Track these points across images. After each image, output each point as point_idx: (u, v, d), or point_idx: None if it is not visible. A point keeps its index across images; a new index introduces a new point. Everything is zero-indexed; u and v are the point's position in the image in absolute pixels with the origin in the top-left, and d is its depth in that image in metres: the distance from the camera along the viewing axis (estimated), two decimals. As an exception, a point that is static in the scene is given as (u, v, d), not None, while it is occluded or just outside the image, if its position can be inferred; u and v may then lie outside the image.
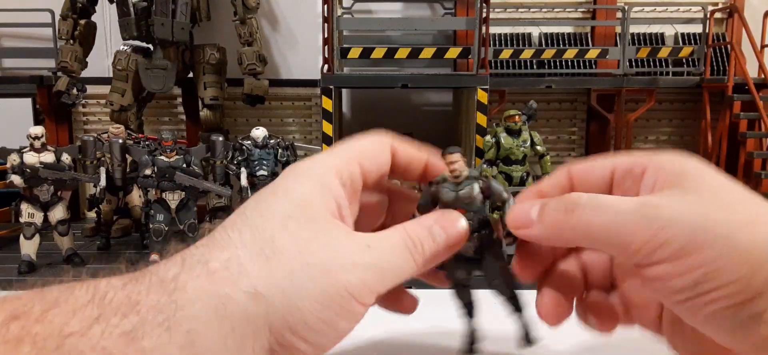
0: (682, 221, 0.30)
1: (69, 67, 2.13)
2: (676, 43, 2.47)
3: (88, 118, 2.51)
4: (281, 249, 0.30)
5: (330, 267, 0.31)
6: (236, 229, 0.31)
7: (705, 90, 2.32)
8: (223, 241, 0.31)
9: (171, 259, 0.30)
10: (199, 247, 0.31)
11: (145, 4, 2.04)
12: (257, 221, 0.31)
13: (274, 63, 2.52)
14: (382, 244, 0.34)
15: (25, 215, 1.51)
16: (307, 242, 0.31)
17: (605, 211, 0.32)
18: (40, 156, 1.51)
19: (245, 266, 0.30)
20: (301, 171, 0.35)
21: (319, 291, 0.30)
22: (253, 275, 0.29)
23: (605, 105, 2.42)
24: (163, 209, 1.51)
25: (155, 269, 0.29)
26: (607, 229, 0.32)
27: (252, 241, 0.31)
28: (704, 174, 0.32)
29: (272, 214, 0.32)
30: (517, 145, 1.97)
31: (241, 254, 0.30)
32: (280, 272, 0.30)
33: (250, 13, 2.18)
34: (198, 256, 0.30)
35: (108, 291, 0.28)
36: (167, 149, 1.52)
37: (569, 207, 0.34)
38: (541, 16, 2.48)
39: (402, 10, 2.53)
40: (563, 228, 0.34)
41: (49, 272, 1.48)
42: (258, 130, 1.71)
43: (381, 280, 0.33)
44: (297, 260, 0.30)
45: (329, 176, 0.34)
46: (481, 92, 2.02)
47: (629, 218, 0.31)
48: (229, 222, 0.32)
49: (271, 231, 0.31)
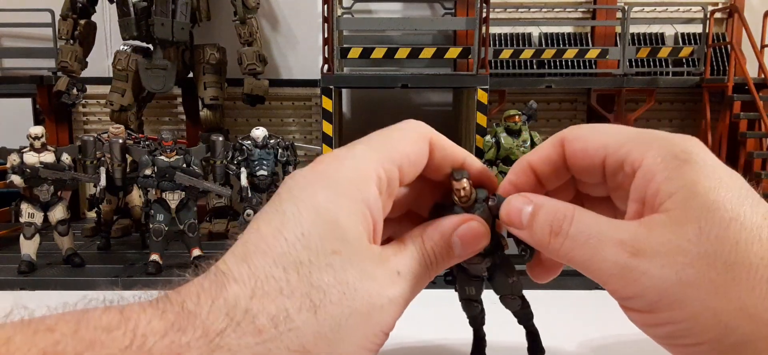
0: (657, 276, 0.29)
1: (69, 67, 2.13)
2: (676, 43, 2.47)
3: (88, 118, 2.51)
4: (328, 296, 0.29)
5: (371, 310, 0.31)
6: (281, 265, 0.29)
7: (705, 90, 2.32)
8: (269, 284, 0.29)
9: (215, 300, 0.28)
10: (242, 286, 0.28)
11: (145, 4, 2.04)
12: (302, 255, 0.30)
13: (274, 63, 2.52)
14: (407, 269, 0.34)
15: (25, 214, 1.51)
16: (352, 286, 0.30)
17: (585, 246, 0.32)
18: (40, 156, 1.51)
19: (293, 319, 0.29)
20: (338, 179, 0.32)
21: (360, 336, 0.31)
22: (301, 330, 0.28)
23: (605, 105, 2.42)
24: (163, 209, 1.50)
25: (199, 316, 0.27)
26: (588, 266, 0.33)
27: (299, 286, 0.29)
28: (696, 191, 0.30)
29: (315, 247, 0.30)
30: (517, 145, 1.96)
31: (288, 306, 0.29)
32: (327, 323, 0.29)
33: (250, 13, 2.18)
34: (244, 305, 0.28)
35: (147, 337, 0.26)
36: (167, 149, 1.52)
37: (555, 230, 0.34)
38: (541, 16, 2.48)
39: (402, 10, 2.53)
40: (548, 247, 0.34)
41: (49, 272, 1.47)
42: (258, 130, 1.71)
43: (404, 307, 0.34)
44: (343, 307, 0.30)
45: (369, 188, 0.33)
46: (481, 92, 2.02)
47: (608, 264, 0.31)
48: (269, 247, 0.30)
49: (318, 273, 0.30)
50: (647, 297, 0.31)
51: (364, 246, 0.32)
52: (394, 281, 0.33)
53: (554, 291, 0.47)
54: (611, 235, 0.32)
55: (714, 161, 0.31)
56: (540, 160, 0.40)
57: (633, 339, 0.42)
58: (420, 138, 0.37)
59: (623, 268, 0.31)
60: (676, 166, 0.31)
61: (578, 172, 0.39)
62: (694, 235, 0.30)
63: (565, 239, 0.34)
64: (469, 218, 0.37)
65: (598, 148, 0.36)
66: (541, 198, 0.37)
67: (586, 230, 0.33)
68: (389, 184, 0.34)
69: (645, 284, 0.30)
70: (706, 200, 0.30)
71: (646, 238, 0.31)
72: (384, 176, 0.34)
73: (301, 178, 0.34)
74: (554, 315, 0.56)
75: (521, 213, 0.36)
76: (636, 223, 0.32)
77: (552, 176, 0.40)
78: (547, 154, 0.39)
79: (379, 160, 0.34)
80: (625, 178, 0.35)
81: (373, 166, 0.34)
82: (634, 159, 0.33)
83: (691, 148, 0.31)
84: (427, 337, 0.57)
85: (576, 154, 0.37)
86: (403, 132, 0.36)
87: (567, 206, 0.35)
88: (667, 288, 0.30)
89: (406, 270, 0.34)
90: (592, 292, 0.73)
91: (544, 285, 0.43)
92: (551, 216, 0.35)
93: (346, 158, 0.33)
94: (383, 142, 0.35)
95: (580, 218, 0.34)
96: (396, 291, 0.32)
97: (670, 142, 0.32)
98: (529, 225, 0.36)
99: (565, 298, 0.49)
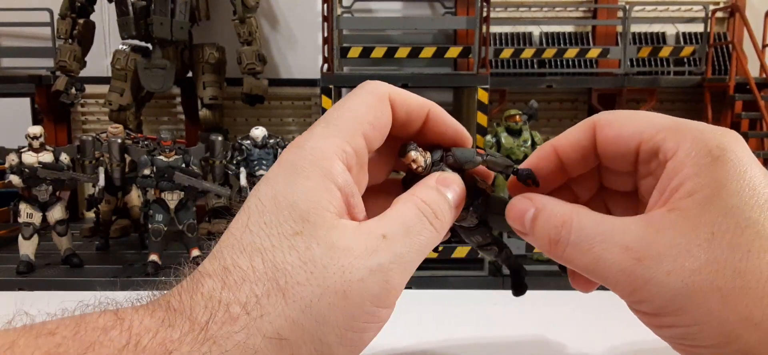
0: (663, 282, 0.29)
1: (68, 67, 2.12)
2: (678, 43, 2.46)
3: (86, 117, 2.50)
4: (294, 277, 0.29)
5: (346, 287, 0.29)
6: (246, 254, 0.29)
7: (706, 89, 2.31)
8: (235, 272, 0.29)
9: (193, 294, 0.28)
10: (214, 278, 0.29)
11: (144, 4, 2.03)
12: (265, 242, 0.29)
13: (274, 62, 2.51)
14: (397, 227, 0.31)
15: (23, 215, 1.51)
16: (320, 263, 0.29)
17: (588, 254, 0.31)
18: (39, 156, 1.51)
19: (263, 304, 0.28)
20: (298, 164, 0.32)
21: (340, 318, 0.29)
22: (272, 315, 0.28)
23: (606, 104, 2.41)
24: (162, 209, 1.50)
25: (189, 311, 0.28)
26: (592, 271, 0.32)
27: (263, 270, 0.29)
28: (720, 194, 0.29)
29: (277, 230, 0.30)
30: (517, 144, 1.96)
31: (257, 291, 0.28)
32: (297, 306, 0.28)
33: (249, 13, 2.18)
34: (217, 296, 0.28)
35: (142, 336, 0.26)
36: (166, 149, 1.51)
37: (553, 239, 0.33)
38: (542, 15, 2.47)
39: (402, 10, 2.52)
40: (551, 254, 0.33)
41: (47, 273, 1.47)
42: (257, 129, 1.70)
43: (405, 269, 0.31)
44: (311, 287, 0.29)
45: (331, 164, 0.31)
46: (481, 92, 2.02)
47: (613, 271, 0.30)
48: (236, 241, 0.30)
49: (281, 255, 0.29)
50: (653, 303, 0.30)
51: (330, 222, 0.30)
52: (377, 248, 0.30)
53: (564, 292, 0.46)
54: (615, 239, 0.31)
55: (750, 160, 0.29)
56: (568, 145, 0.37)
57: (645, 342, 0.41)
58: (379, 100, 0.35)
59: (628, 274, 0.30)
60: (707, 163, 0.30)
61: (608, 160, 0.37)
62: (706, 239, 0.29)
63: (566, 247, 0.32)
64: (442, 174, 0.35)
65: (633, 134, 0.34)
66: (543, 199, 0.36)
67: (587, 235, 0.32)
68: (357, 156, 0.33)
69: (650, 291, 0.29)
70: (727, 204, 0.29)
71: (653, 241, 0.30)
72: (350, 149, 0.32)
73: (268, 173, 0.34)
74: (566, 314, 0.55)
75: (524, 217, 0.35)
76: (644, 223, 0.31)
77: (578, 163, 0.38)
78: (575, 138, 0.37)
79: (339, 135, 0.32)
80: (658, 166, 0.33)
81: (335, 142, 0.32)
82: (668, 148, 0.31)
83: (727, 145, 0.30)
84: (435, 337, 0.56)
85: (608, 140, 0.36)
86: (360, 98, 0.34)
87: (566, 211, 0.34)
88: (674, 294, 0.29)
89: (394, 230, 0.31)
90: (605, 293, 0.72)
91: (552, 286, 0.42)
92: (551, 223, 0.33)
93: (305, 143, 0.32)
94: (341, 115, 0.33)
95: (581, 224, 0.33)
96: (380, 259, 0.30)
97: (707, 135, 0.31)
98: (531, 230, 0.34)
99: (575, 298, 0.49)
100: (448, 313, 0.54)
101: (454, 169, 0.37)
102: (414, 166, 0.36)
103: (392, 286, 0.30)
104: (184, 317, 0.28)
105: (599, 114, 0.36)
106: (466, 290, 0.61)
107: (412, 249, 0.31)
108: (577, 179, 0.38)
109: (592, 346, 0.53)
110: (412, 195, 0.34)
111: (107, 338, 0.26)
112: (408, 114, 0.36)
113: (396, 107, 0.36)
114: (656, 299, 0.29)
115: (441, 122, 0.38)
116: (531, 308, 0.49)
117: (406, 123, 0.37)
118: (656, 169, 0.33)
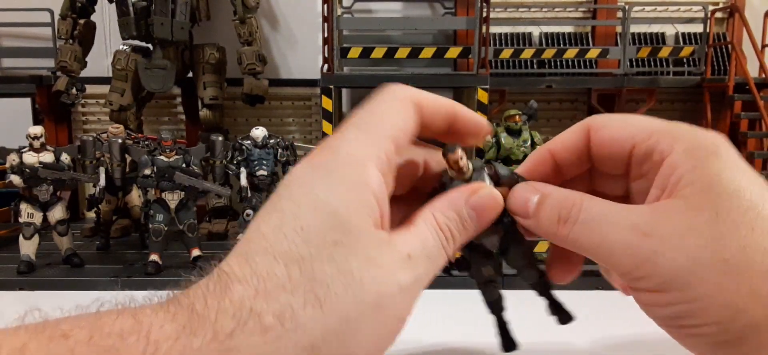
0: (669, 256, 0.29)
1: (68, 67, 2.12)
2: (677, 43, 2.46)
3: (87, 118, 2.50)
4: (333, 289, 0.28)
5: (380, 301, 0.29)
6: (282, 262, 0.29)
7: (706, 90, 2.32)
8: (270, 281, 0.28)
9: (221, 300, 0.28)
10: (246, 285, 0.28)
11: (145, 4, 2.03)
12: (302, 250, 0.29)
13: (274, 63, 2.51)
14: (419, 250, 0.32)
15: (24, 215, 1.51)
16: (358, 276, 0.29)
17: (596, 231, 0.32)
18: (40, 156, 1.51)
19: (299, 316, 0.28)
20: (335, 170, 0.31)
21: (373, 327, 0.29)
22: (308, 327, 0.28)
23: (606, 105, 2.41)
24: (163, 209, 1.50)
25: (210, 317, 0.27)
26: (596, 250, 0.32)
27: (301, 281, 0.28)
28: (719, 180, 0.30)
29: (316, 238, 0.29)
30: (517, 145, 1.96)
31: (293, 302, 0.28)
32: (334, 317, 0.28)
33: (249, 13, 2.18)
34: (249, 305, 0.27)
35: (160, 343, 0.25)
36: (167, 149, 1.52)
37: (563, 217, 0.33)
38: (542, 15, 2.47)
39: (402, 10, 2.53)
40: (555, 235, 0.34)
41: (48, 273, 1.47)
42: (258, 130, 1.71)
43: (420, 290, 0.32)
44: (349, 299, 0.29)
45: (368, 172, 0.31)
46: (481, 92, 2.02)
47: (617, 246, 0.31)
48: (270, 245, 0.29)
49: (319, 265, 0.29)
50: (659, 276, 0.30)
51: (368, 233, 0.30)
52: (404, 266, 0.31)
53: (564, 292, 0.46)
54: (623, 217, 0.32)
55: (739, 157, 0.31)
56: (562, 147, 0.39)
57: (645, 342, 0.42)
58: (405, 104, 0.35)
59: (635, 248, 0.30)
60: (702, 156, 0.31)
61: (601, 162, 0.38)
62: (710, 218, 0.29)
63: (574, 225, 0.33)
64: (478, 187, 0.35)
65: (627, 137, 0.35)
66: (549, 187, 0.36)
67: (596, 215, 0.32)
68: (389, 161, 0.33)
69: (657, 263, 0.30)
70: (727, 188, 0.30)
71: (659, 220, 0.31)
72: (383, 156, 0.32)
73: (298, 173, 0.33)
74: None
75: (527, 202, 0.35)
76: (650, 207, 0.32)
77: (573, 165, 0.39)
78: (570, 140, 0.38)
79: (373, 141, 0.32)
80: (651, 167, 0.34)
81: (369, 148, 0.32)
82: (662, 149, 0.33)
83: (719, 142, 0.31)
84: (436, 337, 0.56)
85: (603, 142, 0.37)
86: (387, 103, 0.34)
87: (575, 194, 0.34)
88: (679, 267, 0.29)
89: (417, 252, 0.32)
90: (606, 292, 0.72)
91: (552, 286, 0.42)
92: (559, 204, 0.34)
93: (340, 146, 0.32)
94: (371, 120, 0.33)
95: (590, 205, 0.34)
96: (407, 277, 0.31)
97: (699, 135, 0.32)
98: (535, 214, 0.35)
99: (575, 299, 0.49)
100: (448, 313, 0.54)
101: (494, 181, 0.37)
102: (458, 166, 0.36)
103: (411, 303, 0.32)
104: (207, 324, 0.27)
105: (593, 117, 0.38)
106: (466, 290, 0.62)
107: (429, 272, 0.32)
108: (568, 183, 0.39)
109: (593, 346, 0.53)
110: (433, 214, 0.34)
111: (124, 345, 0.25)
112: (433, 117, 0.36)
113: (422, 108, 0.35)
114: (662, 271, 0.30)
115: (468, 121, 0.38)
116: (531, 308, 0.50)
117: (432, 124, 0.37)
118: (649, 171, 0.34)
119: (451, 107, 0.38)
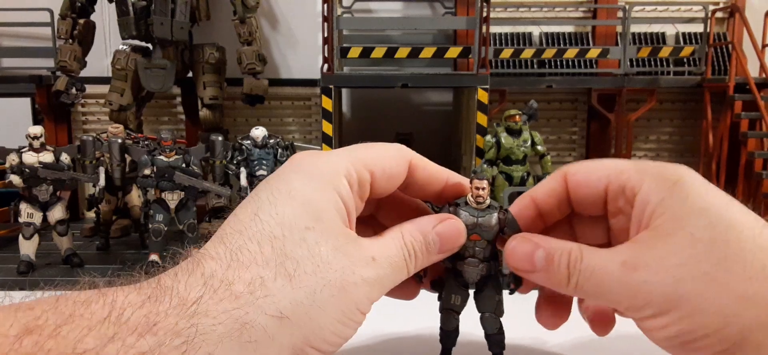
0: (656, 282, 0.32)
1: (68, 67, 2.12)
2: (677, 43, 2.46)
3: (87, 117, 2.50)
4: (302, 266, 0.31)
5: (345, 285, 0.32)
6: (255, 240, 0.31)
7: (706, 90, 2.32)
8: (243, 255, 0.31)
9: (192, 273, 0.30)
10: (219, 261, 0.31)
11: (144, 4, 2.03)
12: (276, 231, 0.32)
13: (274, 63, 2.51)
14: (383, 256, 0.35)
15: (24, 214, 1.51)
16: (325, 259, 0.32)
17: (595, 278, 0.35)
18: (39, 156, 1.51)
19: (269, 286, 0.30)
20: (312, 171, 0.35)
21: (336, 309, 0.32)
22: (277, 296, 0.30)
23: (606, 105, 2.41)
24: (163, 209, 1.50)
25: (176, 288, 0.29)
26: (599, 294, 0.35)
27: (273, 256, 0.31)
28: (686, 204, 0.33)
29: (289, 223, 0.32)
30: (517, 145, 1.96)
31: (264, 274, 0.30)
32: (302, 291, 0.31)
33: (249, 13, 2.18)
34: (220, 275, 0.30)
35: (125, 309, 0.27)
36: (166, 149, 1.52)
37: (571, 274, 0.36)
38: (542, 15, 2.47)
39: (402, 10, 2.53)
40: (564, 287, 0.37)
41: (48, 272, 1.47)
42: (257, 129, 1.71)
43: (380, 292, 0.36)
44: (317, 277, 0.31)
45: (339, 180, 0.35)
46: (481, 92, 2.02)
47: (614, 284, 0.34)
48: (244, 227, 0.32)
49: (291, 245, 0.31)
50: (653, 303, 0.34)
51: (338, 227, 0.34)
52: (368, 264, 0.34)
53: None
54: (614, 259, 0.35)
55: (704, 181, 0.34)
56: (544, 194, 0.44)
57: (644, 343, 0.42)
58: (398, 156, 0.39)
59: (628, 284, 0.33)
60: (667, 187, 0.34)
61: (580, 204, 0.43)
62: (686, 240, 0.32)
63: (579, 276, 0.36)
64: (448, 216, 0.39)
65: (601, 177, 0.39)
66: (544, 239, 0.41)
67: (593, 263, 0.36)
68: (360, 183, 0.36)
69: (649, 291, 0.32)
70: (695, 207, 0.33)
71: (642, 251, 0.34)
72: (355, 174, 0.36)
73: (278, 171, 0.36)
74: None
75: (533, 257, 0.39)
76: (631, 243, 0.35)
77: (554, 210, 0.44)
78: (550, 187, 0.43)
79: (351, 160, 0.36)
80: (625, 203, 0.38)
81: (345, 163, 0.36)
82: (632, 184, 0.36)
83: (682, 173, 0.35)
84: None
85: (580, 185, 0.42)
86: (384, 147, 0.39)
87: (574, 246, 0.37)
88: (667, 290, 0.31)
89: (382, 257, 0.35)
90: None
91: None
92: (566, 257, 0.38)
93: (320, 156, 0.36)
94: (359, 148, 0.38)
95: (588, 255, 0.38)
96: (370, 273, 0.34)
97: (663, 168, 0.36)
98: (545, 268, 0.39)
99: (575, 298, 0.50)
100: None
101: (501, 226, 0.42)
102: (480, 193, 0.41)
103: (370, 300, 0.35)
104: (173, 293, 0.29)
105: (569, 165, 0.42)
106: (466, 289, 0.61)
107: (390, 278, 0.36)
108: (550, 230, 0.43)
109: (593, 345, 0.53)
110: (401, 233, 0.38)
111: (87, 310, 0.27)
112: (428, 178, 0.41)
113: (416, 170, 0.40)
114: (654, 299, 0.32)
115: (457, 187, 0.43)
116: (530, 307, 0.49)
117: (424, 187, 0.42)
118: (624, 206, 0.38)
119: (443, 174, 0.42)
